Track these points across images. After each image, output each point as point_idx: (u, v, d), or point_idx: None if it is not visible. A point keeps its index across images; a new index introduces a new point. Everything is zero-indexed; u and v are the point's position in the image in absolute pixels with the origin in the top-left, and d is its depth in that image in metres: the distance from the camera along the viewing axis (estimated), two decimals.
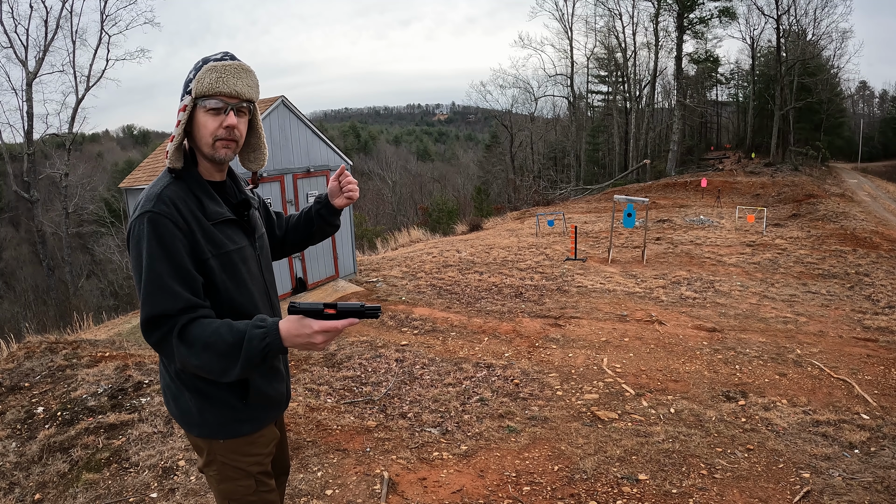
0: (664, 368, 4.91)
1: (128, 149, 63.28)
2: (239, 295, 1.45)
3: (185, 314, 1.29)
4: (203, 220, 1.38)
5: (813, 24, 33.29)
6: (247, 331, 1.26)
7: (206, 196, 1.42)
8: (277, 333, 1.25)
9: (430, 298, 8.00)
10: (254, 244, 1.55)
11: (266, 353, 1.25)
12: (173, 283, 1.29)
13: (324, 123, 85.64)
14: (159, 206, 1.32)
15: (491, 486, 3.07)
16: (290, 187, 8.04)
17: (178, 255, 1.31)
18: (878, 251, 10.64)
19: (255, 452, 1.53)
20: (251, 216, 1.56)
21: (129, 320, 9.00)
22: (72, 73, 26.56)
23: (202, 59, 1.40)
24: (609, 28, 38.43)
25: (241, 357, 1.25)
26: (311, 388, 4.65)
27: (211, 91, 1.35)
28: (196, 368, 1.31)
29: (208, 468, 1.52)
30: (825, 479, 3.02)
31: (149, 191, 1.38)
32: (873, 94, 57.32)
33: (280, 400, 1.61)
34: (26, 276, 28.63)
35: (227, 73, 1.36)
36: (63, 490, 3.04)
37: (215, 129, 1.39)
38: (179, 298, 1.29)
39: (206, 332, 1.27)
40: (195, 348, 1.27)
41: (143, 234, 1.30)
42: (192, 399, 1.44)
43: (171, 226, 1.31)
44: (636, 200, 10.98)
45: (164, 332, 1.29)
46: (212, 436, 1.47)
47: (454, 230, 23.11)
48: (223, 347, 1.25)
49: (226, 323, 1.30)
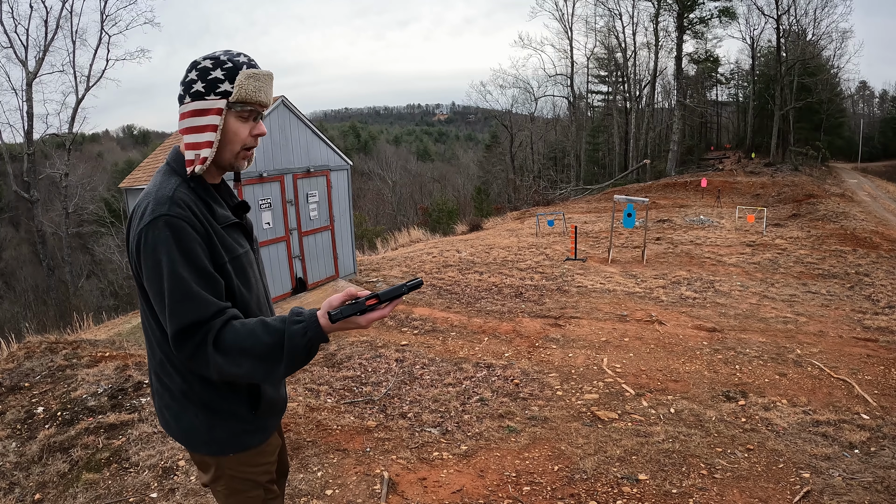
0: (664, 368, 4.91)
1: (128, 149, 63.30)
2: (250, 300, 1.41)
3: (217, 317, 1.23)
4: (215, 224, 1.33)
5: (813, 24, 33.35)
6: (285, 329, 1.21)
7: (211, 199, 1.38)
8: (317, 325, 1.20)
9: (430, 298, 8.00)
10: (253, 248, 1.53)
11: (310, 347, 1.21)
12: (200, 288, 1.22)
13: (324, 123, 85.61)
14: (175, 210, 1.24)
15: (491, 486, 3.07)
16: (290, 187, 8.04)
17: (199, 259, 1.24)
18: (878, 251, 10.63)
19: (263, 462, 1.50)
20: (248, 219, 1.55)
21: (129, 320, 9.00)
22: (72, 73, 26.54)
23: (230, 59, 1.33)
24: (609, 28, 38.46)
25: (284, 356, 1.20)
26: (311, 388, 4.65)
27: (252, 99, 1.32)
28: (237, 377, 1.25)
29: (215, 483, 1.47)
30: (825, 479, 3.02)
31: (157, 193, 1.28)
32: (873, 94, 57.33)
33: (283, 406, 1.59)
34: (26, 276, 28.63)
35: (266, 82, 1.34)
36: (63, 490, 3.03)
37: (246, 136, 1.36)
38: (209, 304, 1.22)
39: (240, 335, 1.21)
40: (232, 355, 1.21)
41: (160, 240, 1.21)
42: (199, 415, 1.38)
43: (190, 229, 1.24)
44: (636, 200, 10.98)
45: (197, 342, 1.21)
46: (221, 452, 1.42)
47: (454, 230, 23.11)
48: (263, 350, 1.20)
49: (260, 322, 1.23)
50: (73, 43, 26.27)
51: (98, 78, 26.99)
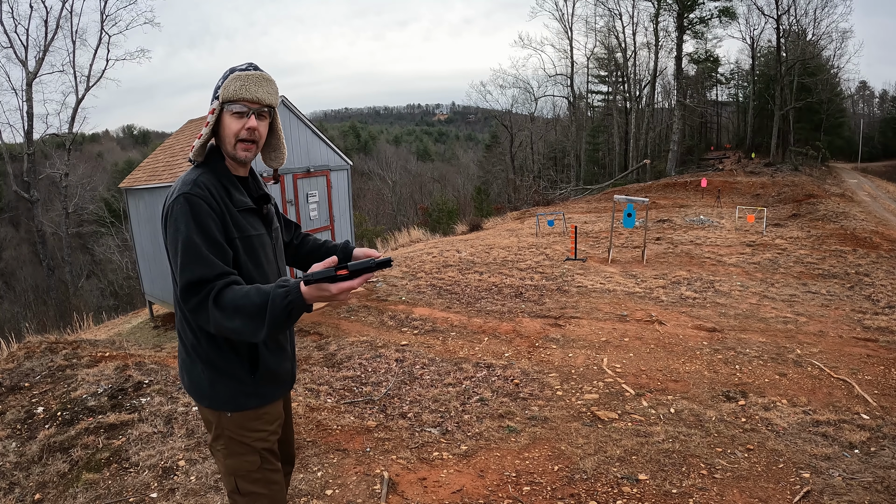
0: (664, 368, 4.91)
1: (128, 149, 63.31)
2: (258, 276, 1.60)
3: (221, 279, 1.44)
4: (230, 206, 1.57)
5: (813, 24, 33.33)
6: (271, 291, 1.38)
7: (232, 186, 1.61)
8: (299, 291, 1.35)
9: (430, 298, 8.00)
10: (270, 234, 1.71)
11: (290, 310, 1.35)
12: (209, 253, 1.45)
13: (324, 123, 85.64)
14: (195, 189, 1.50)
15: (491, 486, 3.07)
16: (290, 187, 8.04)
17: (211, 230, 1.48)
18: (878, 251, 10.63)
19: (260, 428, 1.64)
20: (269, 209, 1.74)
21: (129, 320, 9.00)
22: (72, 73, 26.61)
23: (230, 69, 1.59)
24: (609, 28, 38.48)
25: (266, 315, 1.36)
26: (311, 388, 4.65)
27: (235, 97, 1.54)
28: (230, 332, 1.43)
29: (216, 442, 1.64)
30: (825, 479, 3.02)
31: (185, 177, 1.56)
32: (873, 94, 57.36)
33: (286, 378, 1.74)
34: (26, 276, 28.63)
35: (250, 81, 1.55)
36: (63, 490, 3.03)
37: (238, 130, 1.57)
38: (215, 266, 1.45)
39: (237, 295, 1.41)
40: (228, 311, 1.40)
41: (180, 212, 1.47)
42: (204, 371, 1.59)
43: (206, 206, 1.49)
44: (636, 200, 10.98)
45: (201, 297, 1.43)
46: (220, 408, 1.60)
47: (454, 230, 23.09)
48: (252, 309, 1.37)
49: (255, 287, 1.43)
50: (73, 43, 26.31)
51: (98, 78, 27.06)
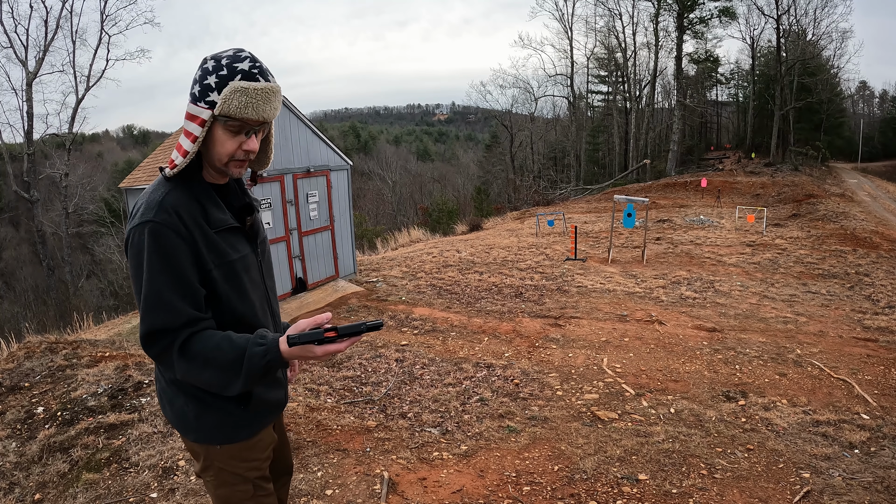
0: (664, 368, 4.91)
1: (128, 149, 63.28)
2: (241, 304, 1.42)
3: (187, 329, 1.27)
4: (206, 228, 1.33)
5: (813, 24, 33.33)
6: (247, 347, 1.26)
7: (210, 203, 1.37)
8: (277, 350, 1.25)
9: (430, 298, 8.00)
10: (256, 250, 1.51)
11: (268, 369, 1.26)
12: (174, 297, 1.26)
13: (324, 123, 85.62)
14: (161, 216, 1.26)
15: (491, 486, 3.07)
16: (290, 187, 8.04)
17: (179, 266, 1.27)
18: (878, 251, 10.63)
19: (252, 458, 1.50)
20: (254, 221, 1.52)
21: (129, 320, 9.00)
22: (72, 73, 26.58)
23: (227, 63, 1.28)
24: (609, 28, 38.49)
25: (242, 373, 1.25)
26: (311, 388, 4.65)
27: (238, 115, 1.27)
28: (197, 383, 1.31)
29: (205, 473, 1.50)
30: (825, 479, 3.02)
31: (149, 197, 1.31)
32: (873, 94, 57.32)
33: (277, 405, 1.58)
34: (26, 276, 28.63)
35: (258, 98, 1.27)
36: (63, 490, 3.03)
37: (235, 150, 1.33)
38: (181, 313, 1.26)
39: (206, 347, 1.26)
40: (196, 363, 1.27)
41: (143, 245, 1.25)
42: (188, 404, 1.42)
43: (174, 236, 1.26)
44: (636, 200, 10.98)
45: (163, 346, 1.27)
46: (208, 441, 1.44)
47: (454, 230, 23.10)
48: (224, 363, 1.25)
49: (226, 337, 1.28)
50: (73, 43, 26.29)
51: (98, 78, 27.03)
